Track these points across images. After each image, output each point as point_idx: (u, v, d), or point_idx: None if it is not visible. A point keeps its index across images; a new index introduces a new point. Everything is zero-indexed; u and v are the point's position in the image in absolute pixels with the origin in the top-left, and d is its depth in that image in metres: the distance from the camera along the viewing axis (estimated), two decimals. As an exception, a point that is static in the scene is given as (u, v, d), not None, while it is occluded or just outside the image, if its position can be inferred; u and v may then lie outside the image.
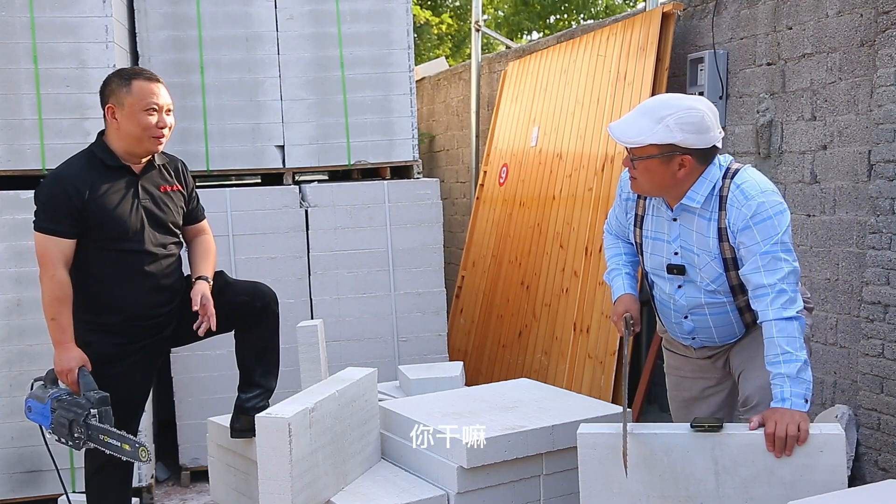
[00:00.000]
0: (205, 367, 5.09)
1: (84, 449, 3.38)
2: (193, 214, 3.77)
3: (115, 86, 3.44)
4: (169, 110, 3.51)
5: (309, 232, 5.33)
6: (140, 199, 3.51)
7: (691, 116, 2.92)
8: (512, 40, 13.80)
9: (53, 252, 3.35)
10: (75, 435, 3.28)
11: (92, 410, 3.26)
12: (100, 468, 3.62)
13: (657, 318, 3.42)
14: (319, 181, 5.78)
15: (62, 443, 3.35)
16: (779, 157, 4.77)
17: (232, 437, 3.72)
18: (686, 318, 3.20)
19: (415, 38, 6.42)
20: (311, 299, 5.33)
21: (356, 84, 5.46)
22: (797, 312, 2.88)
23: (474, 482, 3.29)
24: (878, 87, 4.12)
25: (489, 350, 6.55)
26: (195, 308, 3.49)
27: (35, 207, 3.43)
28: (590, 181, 5.73)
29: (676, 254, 3.12)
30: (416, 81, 7.78)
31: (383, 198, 5.45)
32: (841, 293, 4.42)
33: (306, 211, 5.33)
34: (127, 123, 3.42)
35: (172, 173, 3.65)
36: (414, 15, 7.44)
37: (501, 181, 6.94)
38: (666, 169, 2.97)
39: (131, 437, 3.30)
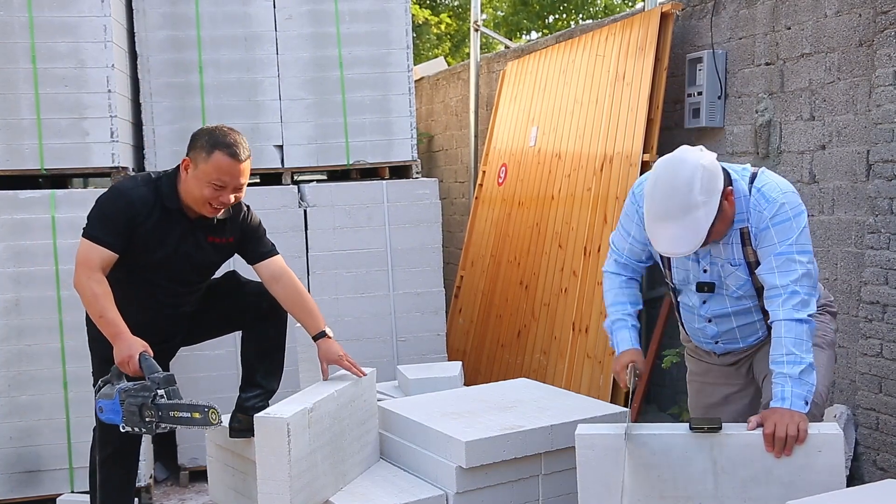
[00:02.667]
0: (204, 367, 5.09)
1: (157, 431, 3.31)
2: (257, 253, 3.68)
3: (200, 147, 3.39)
4: (239, 188, 3.42)
5: (308, 232, 5.33)
6: (182, 243, 3.50)
7: (704, 175, 2.81)
8: (511, 40, 13.79)
9: (95, 260, 3.34)
10: (146, 419, 3.23)
11: (159, 391, 3.22)
12: (102, 463, 3.65)
13: (680, 326, 3.39)
14: (318, 181, 5.78)
15: (136, 432, 3.29)
16: (777, 157, 4.77)
17: (231, 436, 3.72)
18: (710, 321, 3.19)
19: (413, 37, 6.41)
20: (309, 299, 5.32)
21: (355, 84, 5.46)
22: (808, 315, 2.87)
23: (473, 482, 3.29)
24: (876, 86, 4.12)
25: (488, 350, 6.56)
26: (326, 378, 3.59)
27: (90, 213, 3.42)
28: (588, 181, 5.73)
29: (706, 271, 3.09)
30: (415, 81, 7.79)
31: (382, 198, 5.45)
32: (839, 293, 4.42)
33: (305, 211, 5.33)
34: (192, 184, 3.41)
35: (229, 223, 3.58)
36: (413, 14, 7.43)
37: (500, 181, 6.94)
38: (725, 214, 2.90)
39: (199, 403, 3.24)
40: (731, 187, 2.92)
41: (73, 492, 4.67)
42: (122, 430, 3.31)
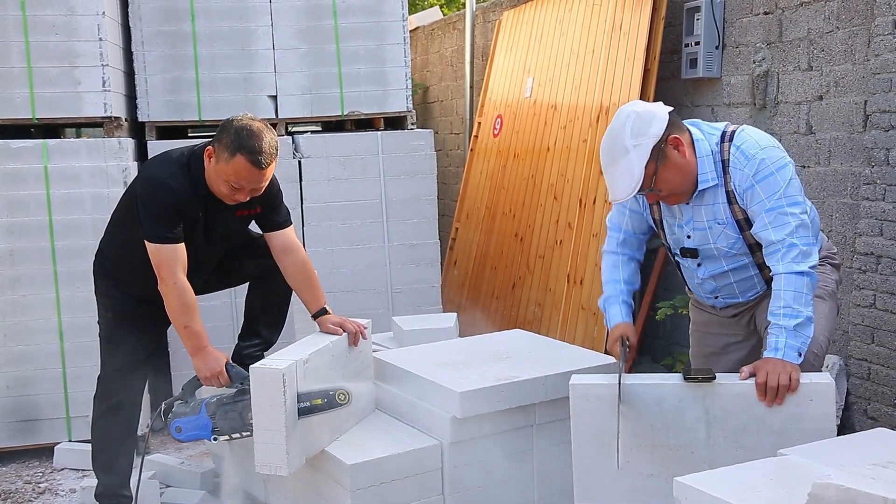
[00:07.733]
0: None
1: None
2: (273, 222, 3.66)
3: (225, 143, 3.31)
4: (257, 190, 3.39)
5: (302, 183, 5.30)
6: (212, 221, 3.50)
7: (635, 120, 2.92)
8: (507, -11, 13.61)
9: (171, 261, 3.33)
10: (249, 422, 3.23)
11: None
12: (105, 413, 3.69)
13: (683, 279, 3.42)
14: (312, 132, 5.74)
15: (235, 439, 3.32)
16: (774, 108, 4.74)
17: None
18: (707, 278, 3.21)
19: (408, -14, 6.33)
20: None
21: (349, 33, 5.39)
22: (809, 268, 2.86)
23: (467, 432, 3.31)
24: (875, 35, 4.08)
25: (483, 302, 6.57)
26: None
27: (142, 214, 3.38)
28: (584, 132, 5.70)
29: (689, 237, 3.12)
30: (410, 31, 7.70)
31: (377, 148, 5.42)
32: (834, 244, 4.41)
33: (299, 162, 5.30)
34: (213, 176, 3.38)
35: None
36: (407, -37, 7.33)
37: (496, 132, 6.90)
38: (674, 163, 2.94)
39: (320, 389, 3.23)
40: (680, 137, 2.95)
41: (70, 440, 4.71)
42: (213, 442, 3.33)
